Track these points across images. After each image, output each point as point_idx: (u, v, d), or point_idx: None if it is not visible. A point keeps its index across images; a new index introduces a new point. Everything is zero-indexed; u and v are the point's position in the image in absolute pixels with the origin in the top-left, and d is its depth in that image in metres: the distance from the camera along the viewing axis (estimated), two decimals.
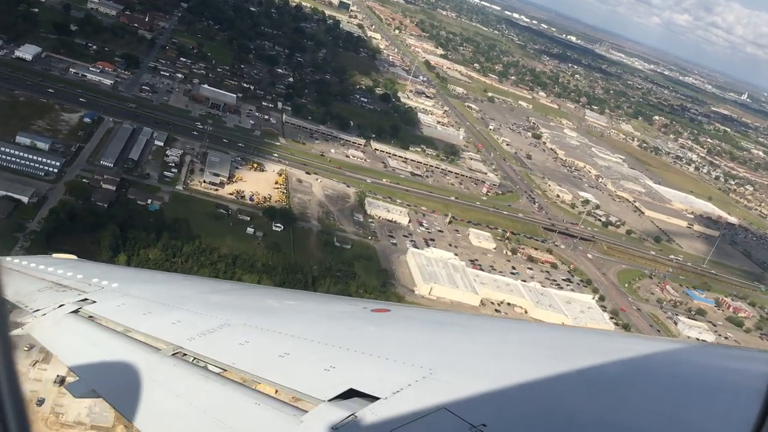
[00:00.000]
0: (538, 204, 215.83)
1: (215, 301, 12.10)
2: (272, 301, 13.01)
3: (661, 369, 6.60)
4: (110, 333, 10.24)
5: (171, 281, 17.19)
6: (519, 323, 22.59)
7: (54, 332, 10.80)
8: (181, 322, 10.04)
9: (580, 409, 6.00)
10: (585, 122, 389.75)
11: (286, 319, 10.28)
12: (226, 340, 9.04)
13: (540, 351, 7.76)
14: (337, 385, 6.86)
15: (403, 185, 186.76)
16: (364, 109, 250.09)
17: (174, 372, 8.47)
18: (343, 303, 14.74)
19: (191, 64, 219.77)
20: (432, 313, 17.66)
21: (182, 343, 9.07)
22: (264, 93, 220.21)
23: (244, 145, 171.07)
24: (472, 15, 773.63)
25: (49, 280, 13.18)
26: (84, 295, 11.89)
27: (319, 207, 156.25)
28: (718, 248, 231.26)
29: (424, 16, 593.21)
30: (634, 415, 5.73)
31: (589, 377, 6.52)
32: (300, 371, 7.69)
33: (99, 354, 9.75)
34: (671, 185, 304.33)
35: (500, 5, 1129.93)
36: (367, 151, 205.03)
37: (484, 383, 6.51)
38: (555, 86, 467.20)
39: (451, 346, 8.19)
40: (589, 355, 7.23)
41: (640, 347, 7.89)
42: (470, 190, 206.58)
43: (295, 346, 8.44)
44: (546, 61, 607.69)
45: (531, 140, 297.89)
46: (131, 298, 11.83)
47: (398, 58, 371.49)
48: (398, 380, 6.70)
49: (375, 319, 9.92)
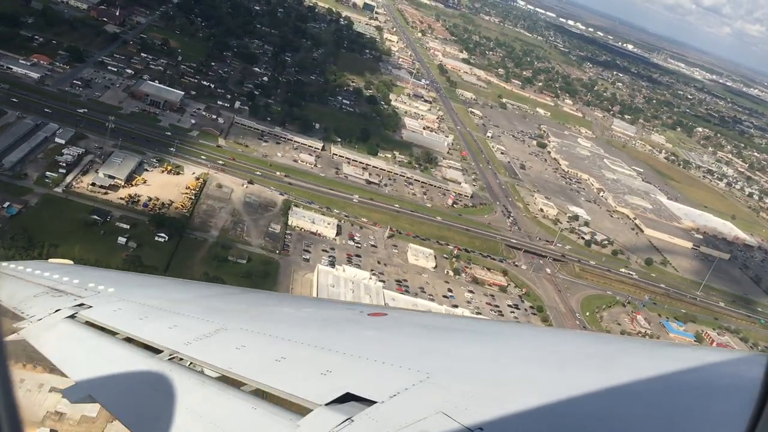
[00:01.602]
0: (513, 218, 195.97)
1: (212, 305, 11.99)
2: (268, 306, 12.96)
3: (654, 371, 6.52)
4: (106, 338, 10.26)
5: (167, 286, 16.95)
6: (516, 327, 20.03)
7: (50, 337, 10.72)
8: (177, 326, 10.00)
9: (576, 412, 5.95)
10: (609, 132, 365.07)
11: (283, 324, 10.25)
12: (222, 345, 9.06)
13: (537, 355, 7.76)
14: (333, 389, 6.86)
15: (344, 193, 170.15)
16: (342, 111, 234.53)
17: (170, 377, 8.43)
18: (340, 307, 15.28)
19: (150, 59, 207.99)
20: (429, 317, 15.69)
21: (178, 347, 9.05)
22: (225, 92, 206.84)
23: (169, 145, 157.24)
24: (518, 21, 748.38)
25: (45, 285, 13.04)
26: (80, 300, 11.83)
27: (230, 216, 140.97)
28: (724, 272, 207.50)
29: (461, 20, 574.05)
30: (628, 418, 5.77)
31: (585, 381, 6.44)
32: (296, 375, 7.66)
33: (95, 359, 9.75)
34: (690, 201, 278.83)
35: (557, 12, 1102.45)
36: (323, 156, 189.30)
37: (482, 387, 6.58)
38: (587, 94, 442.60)
39: (448, 349, 8.13)
40: (585, 358, 7.33)
41: (633, 350, 7.95)
42: (433, 201, 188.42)
43: (292, 351, 8.44)
44: (588, 68, 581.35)
45: (534, 149, 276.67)
46: (127, 302, 11.76)
47: (409, 60, 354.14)
48: (395, 384, 6.70)
49: (372, 323, 9.90)
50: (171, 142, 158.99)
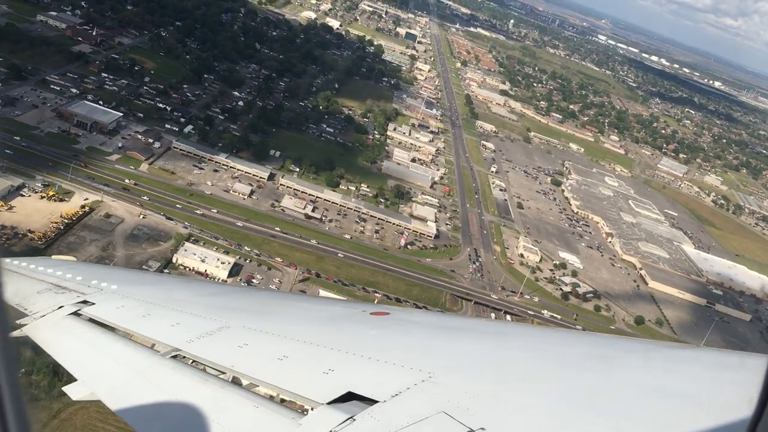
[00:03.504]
0: (479, 264, 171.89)
1: (214, 303, 11.95)
2: (271, 304, 12.79)
3: (655, 371, 6.55)
4: (109, 335, 10.25)
5: (170, 283, 16.66)
6: (519, 327, 20.29)
7: (53, 334, 10.69)
8: (180, 324, 9.97)
9: (577, 413, 5.95)
10: (651, 171, 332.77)
11: (285, 322, 10.23)
12: (224, 343, 9.01)
13: (539, 355, 7.74)
14: (335, 388, 6.86)
15: (266, 225, 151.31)
16: (321, 140, 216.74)
17: (173, 374, 8.45)
18: (342, 306, 15.50)
19: (108, 79, 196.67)
20: (432, 316, 16.62)
21: (181, 345, 9.05)
22: (181, 115, 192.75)
23: (73, 169, 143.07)
24: (589, 55, 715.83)
25: (48, 281, 12.97)
26: (83, 297, 11.81)
27: (100, 250, 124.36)
28: (738, 336, 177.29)
29: (519, 53, 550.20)
30: (626, 420, 5.73)
31: (586, 381, 6.51)
32: (299, 374, 7.66)
33: (98, 356, 9.73)
34: (726, 251, 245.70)
35: (642, 48, 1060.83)
36: (267, 187, 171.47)
37: (484, 387, 6.56)
38: (641, 130, 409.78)
39: (450, 349, 8.11)
40: (586, 359, 7.32)
41: (634, 350, 7.95)
42: (384, 240, 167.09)
43: (294, 349, 8.41)
44: (655, 104, 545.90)
45: (547, 187, 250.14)
46: (130, 300, 11.67)
47: (431, 90, 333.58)
48: (397, 383, 6.69)
49: (374, 322, 9.83)
50: (75, 164, 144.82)
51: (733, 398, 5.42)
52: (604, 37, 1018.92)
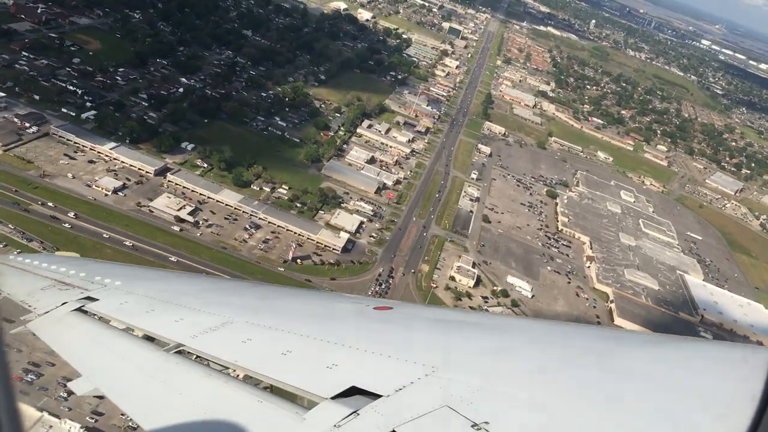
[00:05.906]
0: (386, 285, 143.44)
1: (218, 299, 11.78)
2: (274, 299, 12.43)
3: (658, 365, 6.45)
4: (113, 330, 10.09)
5: (174, 279, 16.65)
6: (522, 321, 19.39)
7: (57, 330, 10.48)
8: (183, 319, 9.81)
9: (580, 406, 5.93)
10: (695, 186, 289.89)
11: (289, 317, 9.96)
12: (228, 338, 8.88)
13: (543, 349, 7.62)
14: (339, 382, 6.86)
15: (113, 228, 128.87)
16: (262, 134, 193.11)
17: (176, 370, 8.37)
18: (346, 301, 15.24)
19: (23, 59, 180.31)
20: (435, 311, 16.06)
21: (185, 340, 8.94)
22: (92, 99, 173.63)
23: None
24: (677, 59, 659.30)
25: (52, 278, 12.66)
26: (87, 293, 11.56)
27: None
28: None
29: (588, 54, 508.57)
30: (630, 414, 5.71)
31: (589, 375, 6.47)
32: (302, 369, 7.64)
33: (102, 351, 9.60)
34: (747, 284, 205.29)
35: (750, 55, 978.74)
36: (150, 182, 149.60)
37: (487, 381, 6.52)
38: (702, 141, 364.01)
39: (454, 343, 7.96)
40: (589, 353, 7.21)
41: (638, 344, 7.75)
42: (270, 252, 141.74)
43: (298, 344, 8.29)
44: (739, 114, 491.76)
45: (538, 199, 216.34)
46: (134, 295, 11.45)
47: (446, 87, 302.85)
48: (401, 378, 6.67)
49: (377, 317, 9.64)
50: None
51: (737, 391, 5.35)
52: (707, 42, 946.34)
